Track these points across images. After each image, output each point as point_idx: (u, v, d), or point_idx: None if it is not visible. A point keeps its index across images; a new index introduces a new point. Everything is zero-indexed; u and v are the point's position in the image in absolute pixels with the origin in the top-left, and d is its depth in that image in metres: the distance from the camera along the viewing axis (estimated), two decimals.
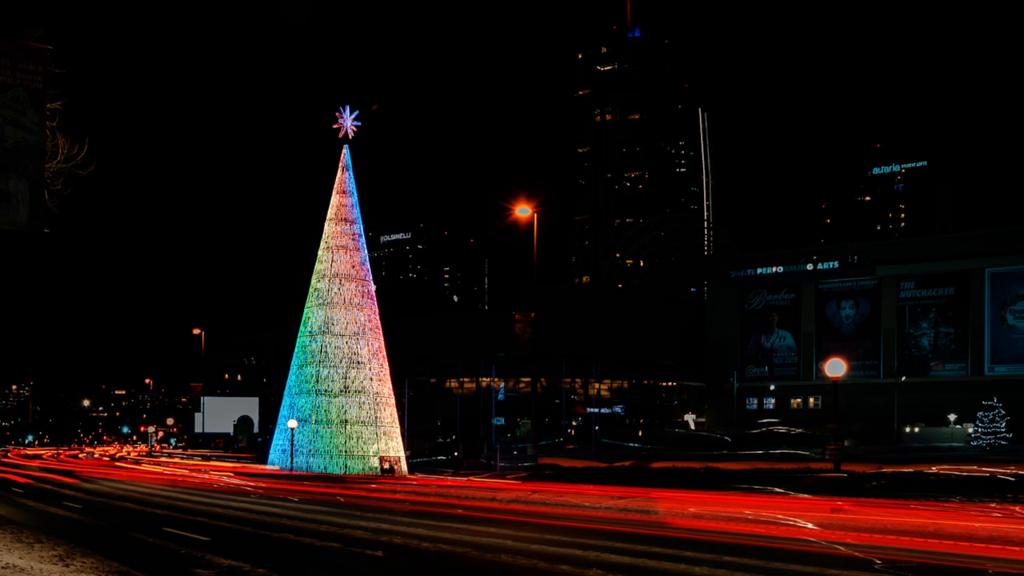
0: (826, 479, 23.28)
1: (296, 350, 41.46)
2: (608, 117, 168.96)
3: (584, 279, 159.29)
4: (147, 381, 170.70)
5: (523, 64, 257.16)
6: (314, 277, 41.54)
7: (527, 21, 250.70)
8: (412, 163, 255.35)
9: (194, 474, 39.43)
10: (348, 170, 41.85)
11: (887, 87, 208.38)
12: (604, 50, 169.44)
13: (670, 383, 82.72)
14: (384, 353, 41.69)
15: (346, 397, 39.86)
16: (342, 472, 38.62)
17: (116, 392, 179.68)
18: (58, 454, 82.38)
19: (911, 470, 25.79)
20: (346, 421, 39.70)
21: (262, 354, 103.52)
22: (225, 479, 34.86)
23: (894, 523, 14.56)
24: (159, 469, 44.92)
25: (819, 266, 72.56)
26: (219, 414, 77.63)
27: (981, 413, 52.25)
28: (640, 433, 70.69)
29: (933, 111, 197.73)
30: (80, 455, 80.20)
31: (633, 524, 16.55)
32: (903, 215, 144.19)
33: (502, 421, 64.22)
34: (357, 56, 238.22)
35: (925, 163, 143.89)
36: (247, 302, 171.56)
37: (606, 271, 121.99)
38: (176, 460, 58.74)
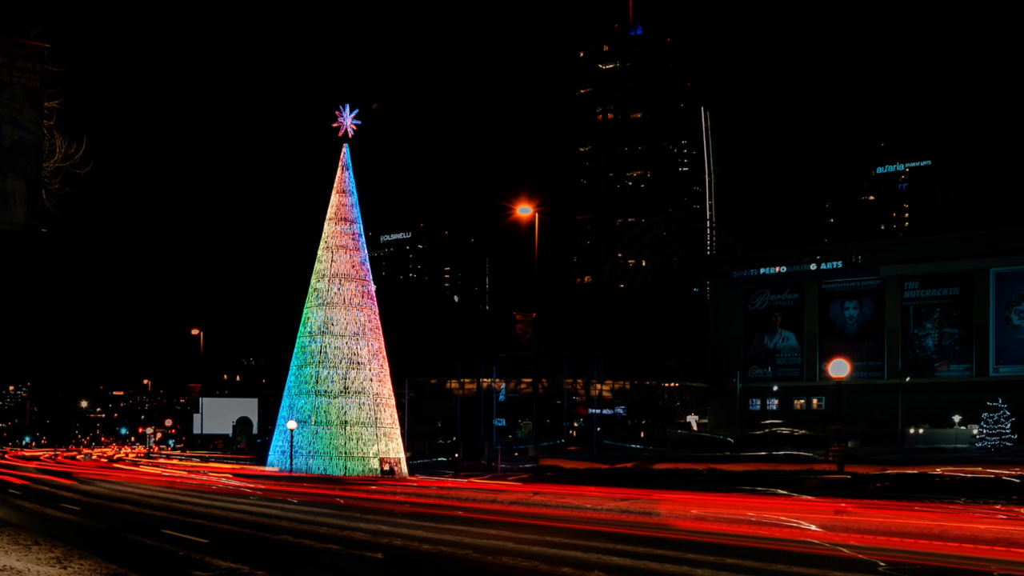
0: (830, 480, 23.21)
1: (295, 350, 41.31)
2: (610, 116, 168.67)
3: (586, 279, 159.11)
4: (145, 382, 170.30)
5: (524, 63, 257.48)
6: (314, 277, 41.37)
7: (528, 20, 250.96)
8: (412, 162, 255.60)
9: (192, 476, 39.37)
10: (348, 169, 41.66)
11: (891, 86, 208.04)
12: (606, 48, 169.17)
13: (672, 384, 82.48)
14: (384, 354, 41.52)
15: (346, 398, 39.71)
16: (342, 474, 38.46)
17: (114, 393, 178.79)
18: (56, 455, 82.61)
19: (915, 471, 25.70)
20: (346, 422, 39.55)
21: (261, 354, 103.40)
22: (224, 481, 34.76)
23: (898, 525, 14.48)
24: (157, 471, 44.81)
25: (823, 266, 72.34)
26: (218, 415, 77.49)
27: (986, 414, 52.05)
28: (642, 434, 70.54)
29: (937, 110, 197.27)
30: (78, 456, 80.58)
31: (635, 526, 16.48)
32: (907, 215, 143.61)
33: (503, 422, 64.11)
34: (357, 56, 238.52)
35: (929, 162, 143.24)
36: (247, 302, 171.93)
37: (608, 271, 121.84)
38: (174, 461, 58.77)
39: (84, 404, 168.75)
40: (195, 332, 78.05)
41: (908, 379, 63.92)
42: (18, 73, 10.93)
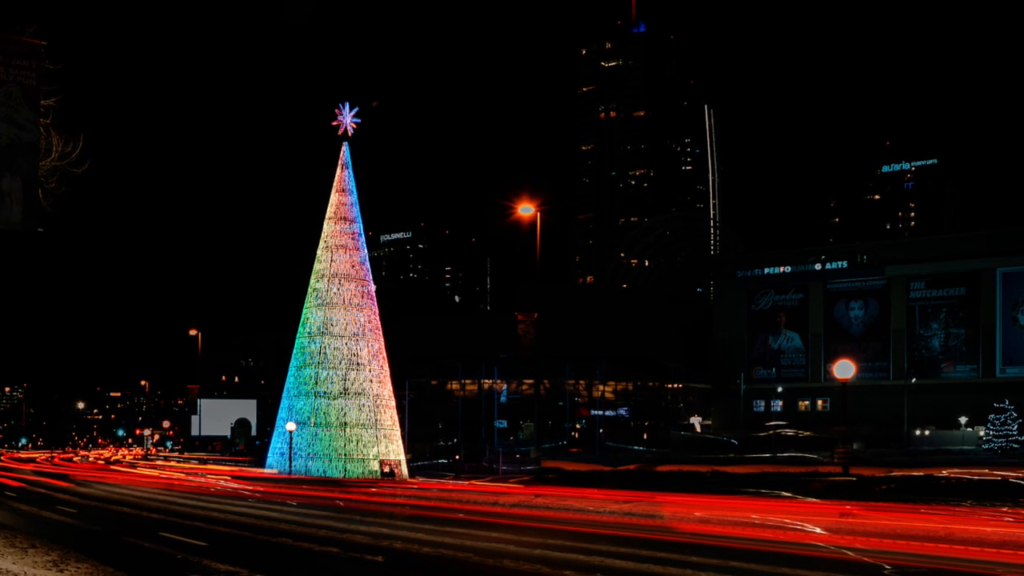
0: (835, 483, 23.07)
1: (295, 351, 41.01)
2: (612, 114, 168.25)
3: (588, 279, 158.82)
4: (143, 383, 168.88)
5: (525, 61, 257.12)
6: (313, 277, 41.04)
7: (529, 17, 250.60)
8: (413, 161, 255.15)
9: (191, 478, 39.18)
10: (348, 168, 41.30)
11: (896, 84, 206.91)
12: (608, 46, 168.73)
13: (675, 385, 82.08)
14: (384, 355, 41.20)
15: (345, 399, 39.44)
16: (341, 476, 38.16)
17: (111, 394, 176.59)
18: (52, 457, 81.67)
19: (921, 474, 25.59)
20: (345, 424, 39.26)
21: (260, 355, 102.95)
22: (222, 483, 34.63)
23: (904, 528, 14.44)
24: (155, 473, 44.55)
25: (827, 266, 71.95)
26: (216, 416, 76.99)
27: (992, 416, 51.60)
28: (645, 436, 70.15)
29: (943, 108, 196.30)
30: (74, 458, 79.53)
31: (638, 529, 16.40)
32: (913, 214, 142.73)
33: (504, 424, 63.88)
34: (357, 54, 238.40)
35: (935, 161, 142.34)
36: (247, 302, 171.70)
37: (610, 271, 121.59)
38: (172, 463, 58.44)
39: (81, 405, 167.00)
40: (193, 333, 77.67)
41: (914, 380, 63.44)
42: (14, 71, 10.79)
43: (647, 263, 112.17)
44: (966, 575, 11.15)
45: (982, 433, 53.02)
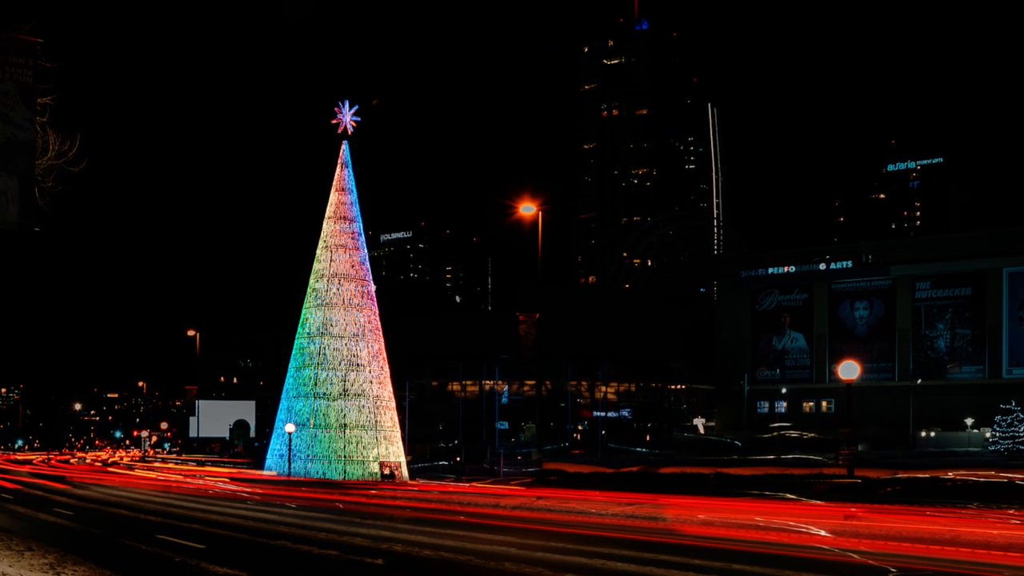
0: (839, 485, 22.86)
1: (294, 352, 40.80)
2: (615, 112, 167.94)
3: (590, 279, 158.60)
4: (140, 384, 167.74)
5: (527, 59, 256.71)
6: (312, 277, 40.82)
7: (531, 15, 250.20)
8: (413, 160, 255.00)
9: (189, 480, 39.06)
10: (347, 167, 41.05)
11: (901, 82, 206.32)
12: (611, 43, 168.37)
13: (678, 386, 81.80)
14: (384, 355, 41.00)
15: (345, 400, 39.28)
16: (341, 478, 37.99)
17: (109, 395, 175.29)
18: (49, 459, 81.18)
19: (927, 476, 25.36)
20: (345, 425, 39.09)
21: (259, 356, 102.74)
22: (220, 485, 34.56)
23: (909, 530, 14.34)
24: (153, 475, 44.41)
25: (832, 266, 71.71)
26: (215, 418, 76.66)
27: (999, 417, 51.29)
28: (648, 437, 69.92)
29: (949, 106, 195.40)
30: (71, 460, 79.31)
31: (641, 531, 16.32)
32: (918, 213, 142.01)
33: (506, 425, 63.83)
34: (357, 52, 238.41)
35: (941, 159, 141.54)
36: (246, 302, 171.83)
37: (613, 271, 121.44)
38: (170, 465, 58.35)
39: (78, 407, 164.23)
40: (191, 333, 77.47)
41: (919, 381, 63.16)
42: (10, 69, 10.69)
43: (650, 263, 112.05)
44: None
45: (988, 435, 52.71)
